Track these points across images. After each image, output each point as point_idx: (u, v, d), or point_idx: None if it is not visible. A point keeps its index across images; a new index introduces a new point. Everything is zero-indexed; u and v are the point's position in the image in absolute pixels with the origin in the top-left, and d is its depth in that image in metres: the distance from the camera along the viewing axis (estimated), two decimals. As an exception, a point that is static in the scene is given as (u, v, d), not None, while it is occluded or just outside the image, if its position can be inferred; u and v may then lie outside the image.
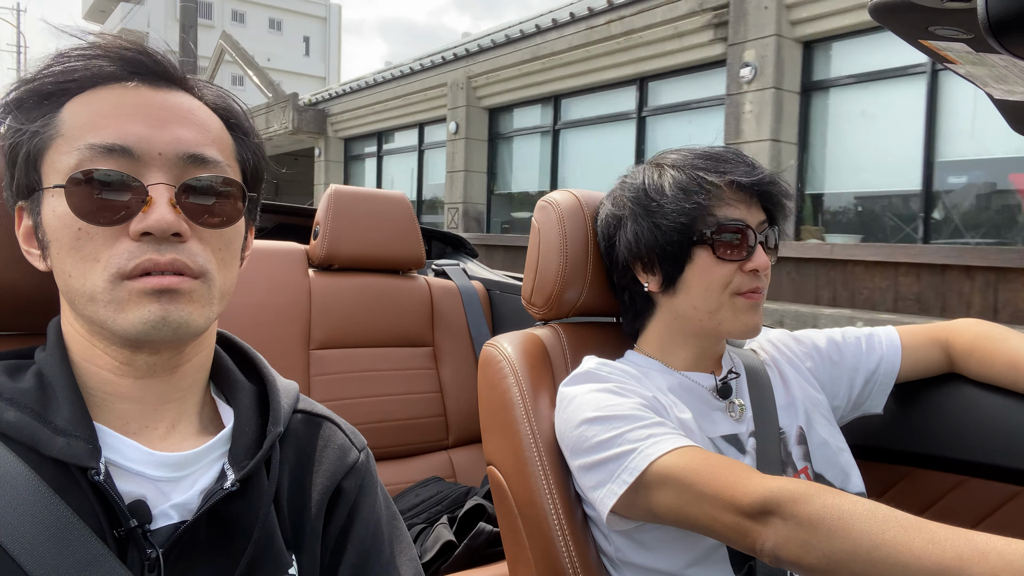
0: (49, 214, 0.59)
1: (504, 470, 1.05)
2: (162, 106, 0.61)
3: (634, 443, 0.87)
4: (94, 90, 0.61)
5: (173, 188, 0.59)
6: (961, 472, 1.15)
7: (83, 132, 0.59)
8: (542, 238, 1.17)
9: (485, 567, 1.40)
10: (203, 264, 0.60)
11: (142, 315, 0.57)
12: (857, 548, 0.67)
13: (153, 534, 0.58)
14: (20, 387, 0.60)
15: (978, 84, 0.65)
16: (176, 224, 0.58)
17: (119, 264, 0.57)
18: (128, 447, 0.60)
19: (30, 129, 0.60)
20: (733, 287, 0.99)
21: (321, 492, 0.69)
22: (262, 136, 0.73)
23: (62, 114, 0.60)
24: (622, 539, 0.97)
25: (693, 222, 0.98)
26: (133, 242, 0.57)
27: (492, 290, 2.13)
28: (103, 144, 0.58)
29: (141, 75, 0.62)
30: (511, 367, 1.08)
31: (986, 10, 0.44)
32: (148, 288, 0.57)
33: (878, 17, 0.58)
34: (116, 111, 0.60)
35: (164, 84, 0.64)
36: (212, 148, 0.63)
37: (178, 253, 0.58)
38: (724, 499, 0.77)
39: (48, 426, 0.57)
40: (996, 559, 0.60)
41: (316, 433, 0.73)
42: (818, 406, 1.10)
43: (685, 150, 1.05)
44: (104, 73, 0.61)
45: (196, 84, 0.67)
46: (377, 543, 0.70)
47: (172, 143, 0.60)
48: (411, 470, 1.79)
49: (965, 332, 1.13)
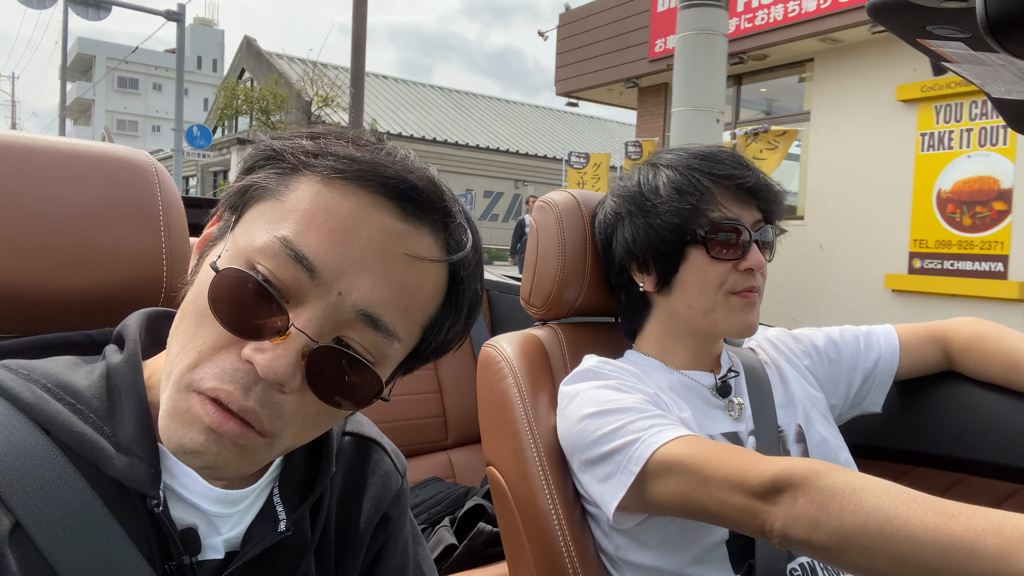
0: (205, 271, 0.53)
1: (504, 470, 1.05)
2: (390, 246, 0.52)
3: (637, 433, 0.87)
4: (345, 183, 0.53)
5: (314, 344, 0.51)
6: (959, 470, 1.15)
7: (297, 218, 0.52)
8: (540, 238, 1.17)
9: (485, 567, 1.40)
10: (280, 428, 0.52)
11: (182, 437, 0.50)
12: (868, 522, 0.66)
13: (200, 566, 0.56)
14: (86, 391, 0.55)
15: (976, 83, 0.65)
16: (286, 378, 0.50)
17: (203, 375, 0.50)
18: (188, 476, 0.56)
19: (264, 171, 0.54)
20: (728, 286, 0.99)
21: (368, 520, 0.67)
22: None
23: (298, 180, 0.53)
24: (622, 538, 0.97)
25: (687, 222, 0.98)
26: (237, 362, 0.50)
27: (491, 290, 2.13)
28: (297, 250, 0.50)
29: (399, 198, 0.53)
30: (510, 367, 1.08)
31: (985, 9, 0.44)
32: (206, 420, 0.50)
33: (876, 17, 0.58)
34: (342, 221, 0.52)
35: (415, 218, 0.54)
36: (400, 316, 0.54)
37: (262, 405, 0.50)
38: (732, 481, 0.77)
39: (111, 441, 0.53)
40: (1012, 532, 0.59)
41: (365, 459, 0.70)
42: (817, 404, 1.10)
43: (681, 150, 1.05)
44: (368, 177, 0.52)
45: (453, 226, 0.56)
46: (403, 567, 0.70)
47: (360, 295, 0.52)
48: (411, 470, 1.79)
49: (963, 330, 1.13)
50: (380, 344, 0.54)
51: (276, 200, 0.53)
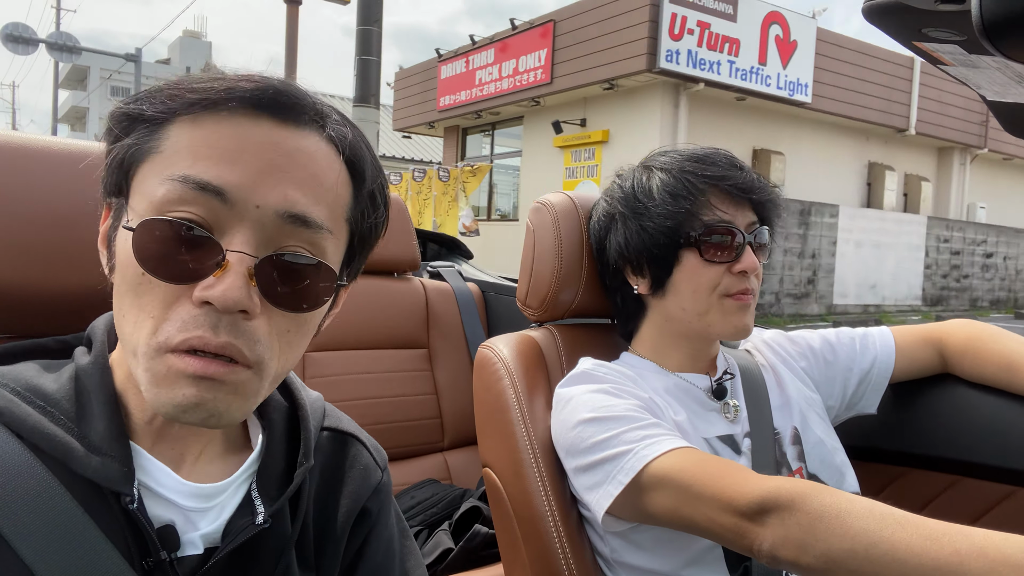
0: (122, 240, 0.54)
1: (500, 472, 1.05)
2: (278, 148, 0.54)
3: (630, 444, 0.87)
4: (213, 112, 0.54)
5: (254, 260, 0.52)
6: (955, 472, 1.15)
7: (182, 157, 0.53)
8: (537, 240, 1.17)
9: (481, 569, 1.39)
10: (261, 354, 0.53)
11: (175, 397, 0.51)
12: (855, 546, 0.67)
13: (179, 562, 0.55)
14: (55, 394, 0.55)
15: (971, 86, 0.65)
16: (244, 301, 0.51)
17: (168, 334, 0.51)
18: (161, 472, 0.56)
19: (130, 137, 0.55)
20: (722, 289, 0.99)
21: (346, 514, 0.67)
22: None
23: (170, 128, 0.54)
24: (618, 540, 0.97)
25: (680, 224, 0.98)
26: (193, 308, 0.51)
27: (487, 292, 2.13)
28: (197, 180, 0.51)
29: (269, 109, 0.55)
30: (506, 369, 1.08)
31: (980, 12, 0.44)
32: (189, 371, 0.50)
33: (871, 19, 0.58)
34: (225, 143, 0.53)
35: (293, 122, 0.55)
36: (320, 208, 0.56)
37: (235, 336, 0.51)
38: (721, 500, 0.77)
39: (82, 441, 0.53)
40: (994, 554, 0.60)
41: (343, 453, 0.70)
42: (813, 406, 1.10)
43: (675, 152, 1.05)
44: (229, 96, 0.54)
45: (331, 122, 0.58)
46: (389, 561, 0.69)
47: (276, 199, 0.53)
48: (406, 472, 1.79)
49: (958, 332, 1.13)
50: (315, 239, 0.56)
51: (155, 154, 0.54)
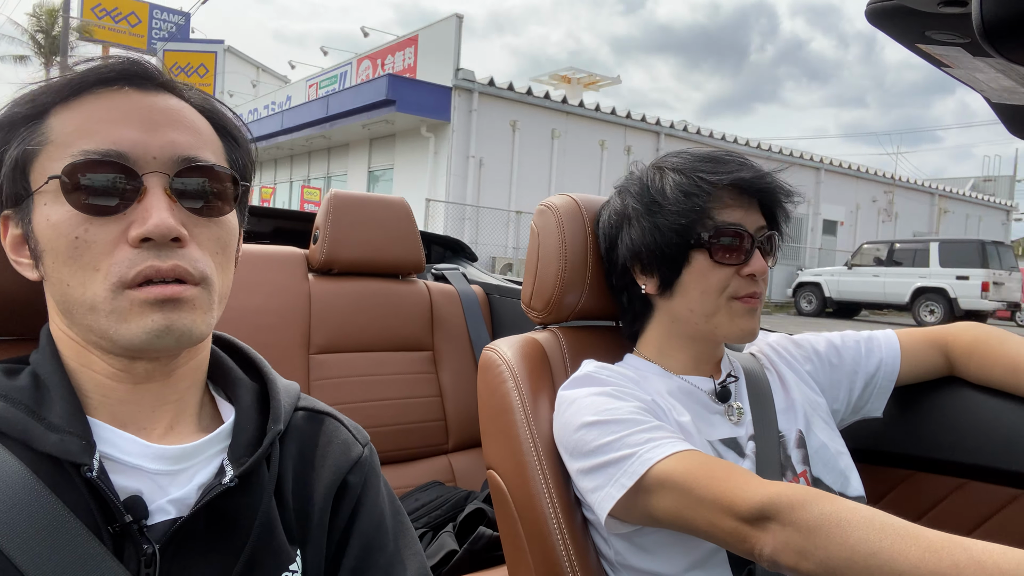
0: (42, 222, 0.58)
1: (504, 474, 1.05)
2: (152, 109, 0.61)
3: (633, 447, 0.87)
4: (83, 96, 0.60)
5: (168, 177, 0.59)
6: (961, 475, 1.15)
7: (75, 138, 0.58)
8: (541, 242, 1.17)
9: (485, 571, 1.40)
10: (203, 270, 0.60)
11: (145, 325, 0.56)
12: (854, 555, 0.67)
13: (150, 529, 0.57)
14: (15, 385, 0.59)
15: (975, 88, 0.65)
16: (176, 228, 0.57)
17: (120, 272, 0.56)
18: (125, 440, 0.59)
19: (13, 144, 0.59)
20: (730, 291, 0.99)
21: (326, 487, 0.68)
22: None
23: (49, 120, 0.59)
24: (622, 543, 0.96)
25: (692, 225, 0.98)
26: (133, 249, 0.57)
27: (491, 294, 2.13)
28: (97, 151, 0.57)
29: (128, 79, 0.62)
30: (511, 371, 1.08)
31: (981, 15, 0.44)
32: (151, 298, 0.56)
33: (874, 22, 0.58)
34: (107, 115, 0.59)
35: (152, 88, 0.63)
36: (206, 151, 0.63)
37: (179, 259, 0.58)
38: (722, 504, 0.77)
39: (41, 422, 0.57)
40: (992, 568, 0.60)
41: (319, 429, 0.73)
42: (817, 409, 1.10)
43: (687, 153, 1.05)
44: (91, 79, 0.60)
45: (183, 88, 0.66)
46: (381, 537, 0.70)
47: (167, 146, 0.60)
48: (411, 474, 1.79)
49: (964, 335, 1.13)
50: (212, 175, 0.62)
51: (47, 145, 0.59)
